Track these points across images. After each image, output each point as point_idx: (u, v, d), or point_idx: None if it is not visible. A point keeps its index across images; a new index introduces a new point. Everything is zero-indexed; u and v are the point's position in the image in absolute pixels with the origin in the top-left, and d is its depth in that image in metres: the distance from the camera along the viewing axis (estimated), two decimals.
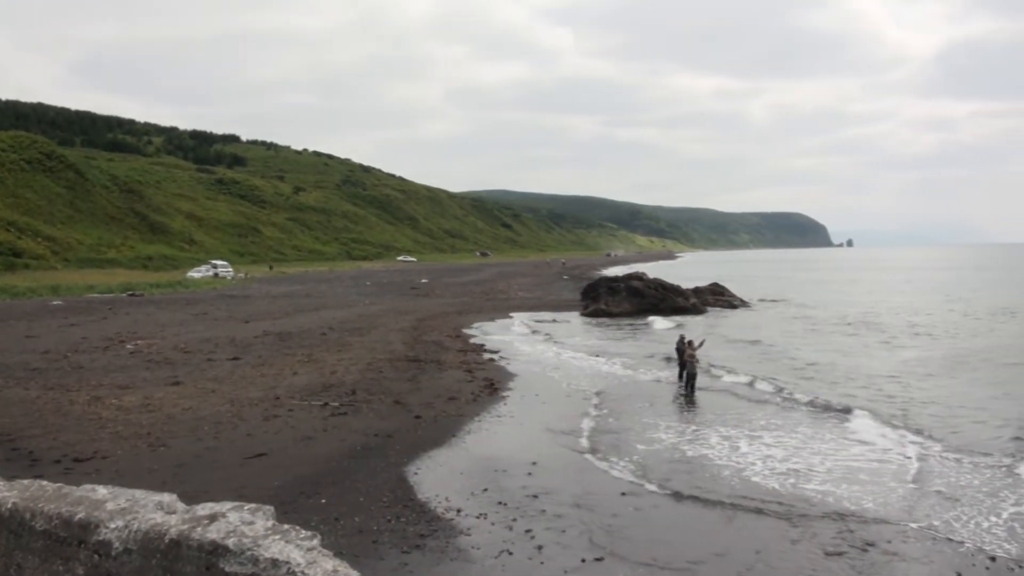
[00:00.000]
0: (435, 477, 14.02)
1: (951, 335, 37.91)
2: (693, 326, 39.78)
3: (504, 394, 22.05)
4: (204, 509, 4.53)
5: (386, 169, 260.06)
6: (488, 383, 23.29)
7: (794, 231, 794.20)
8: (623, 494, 13.29)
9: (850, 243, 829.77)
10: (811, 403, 21.25)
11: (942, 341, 35.70)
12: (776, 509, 12.56)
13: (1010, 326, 41.58)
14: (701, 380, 23.17)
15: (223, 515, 4.42)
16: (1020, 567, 10.30)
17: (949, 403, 21.31)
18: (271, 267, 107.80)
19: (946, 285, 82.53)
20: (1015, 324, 42.17)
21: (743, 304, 55.12)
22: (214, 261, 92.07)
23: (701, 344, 23.71)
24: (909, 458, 15.61)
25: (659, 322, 43.70)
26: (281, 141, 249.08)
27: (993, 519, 12.06)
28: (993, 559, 10.53)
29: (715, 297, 55.20)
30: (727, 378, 25.15)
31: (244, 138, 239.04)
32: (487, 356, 29.35)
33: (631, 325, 42.88)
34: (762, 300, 59.62)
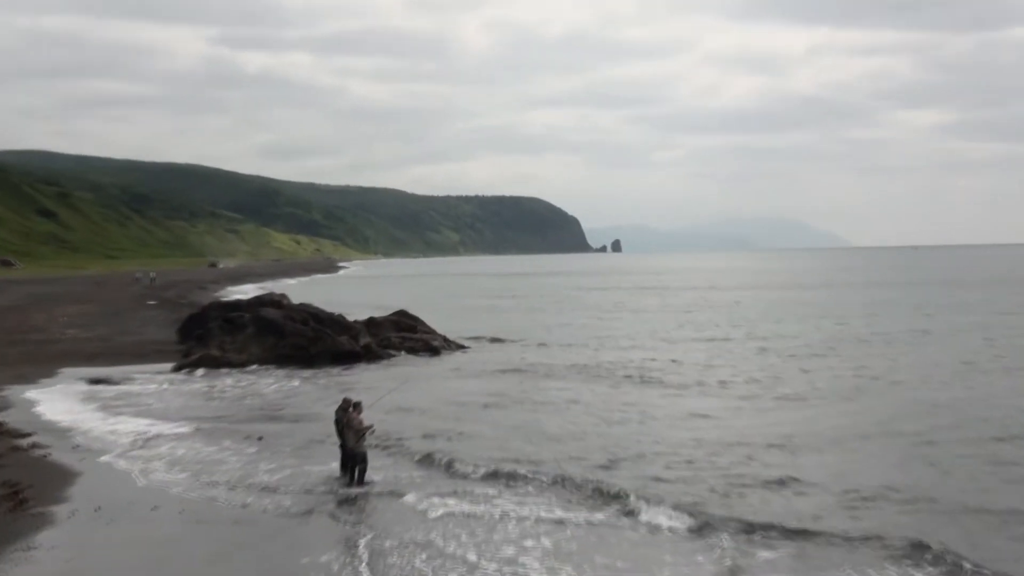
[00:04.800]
0: None
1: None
2: (366, 383, 29.71)
3: (44, 509, 15.18)
4: None
5: None
6: (12, 491, 15.63)
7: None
8: None
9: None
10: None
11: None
12: None
13: None
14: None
15: None
16: None
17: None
18: None
19: None
20: None
21: (448, 346, 39.22)
22: None
23: (370, 429, 16.84)
24: None
25: (310, 376, 31.58)
26: None
27: None
28: None
29: (402, 335, 38.97)
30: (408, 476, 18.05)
31: None
32: (16, 443, 20.14)
33: (261, 383, 30.31)
34: (478, 338, 43.01)
